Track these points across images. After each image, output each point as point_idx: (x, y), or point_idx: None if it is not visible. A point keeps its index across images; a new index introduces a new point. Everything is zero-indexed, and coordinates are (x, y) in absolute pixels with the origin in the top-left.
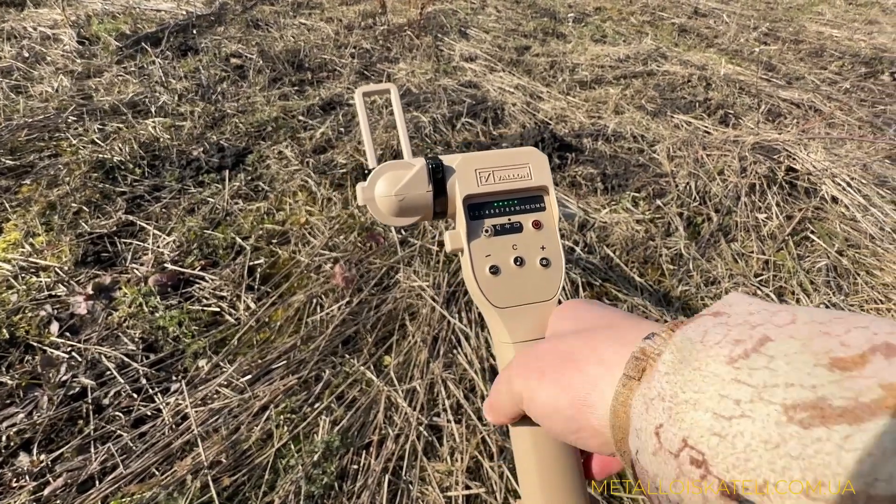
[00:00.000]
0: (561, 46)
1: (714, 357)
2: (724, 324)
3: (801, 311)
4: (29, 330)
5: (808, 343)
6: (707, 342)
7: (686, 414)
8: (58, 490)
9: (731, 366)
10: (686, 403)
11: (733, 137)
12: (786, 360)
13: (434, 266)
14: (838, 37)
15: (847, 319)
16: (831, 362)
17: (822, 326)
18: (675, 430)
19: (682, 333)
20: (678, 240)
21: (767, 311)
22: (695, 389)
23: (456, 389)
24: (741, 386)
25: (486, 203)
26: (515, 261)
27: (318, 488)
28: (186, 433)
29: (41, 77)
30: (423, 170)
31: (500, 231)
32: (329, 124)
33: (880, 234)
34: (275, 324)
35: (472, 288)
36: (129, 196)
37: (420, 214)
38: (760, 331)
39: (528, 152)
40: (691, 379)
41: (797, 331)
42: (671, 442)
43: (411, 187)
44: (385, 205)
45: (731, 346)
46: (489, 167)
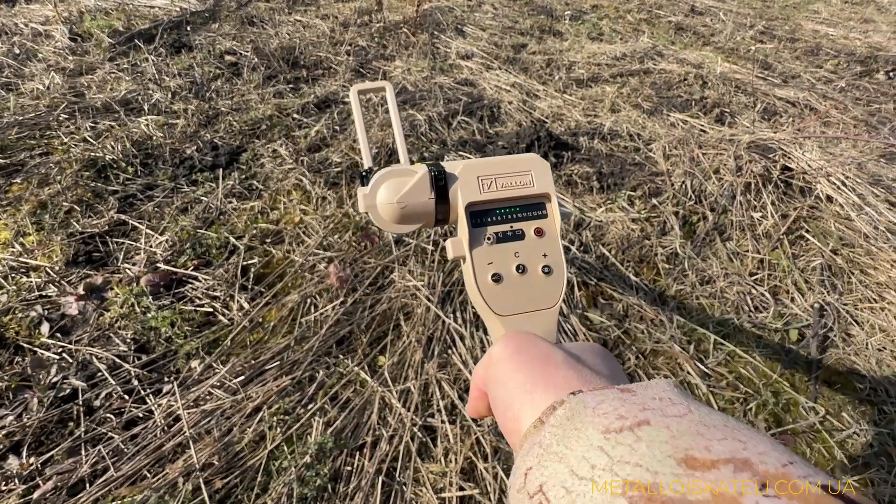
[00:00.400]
0: (557, 44)
1: (594, 424)
2: (623, 400)
3: (700, 411)
4: (19, 331)
5: (676, 437)
6: (597, 410)
7: (551, 464)
8: (48, 493)
9: (603, 435)
10: (555, 455)
11: (729, 136)
12: (648, 444)
13: (429, 266)
14: (834, 35)
15: (732, 432)
16: (685, 459)
17: (703, 428)
18: (537, 475)
19: (583, 397)
20: (674, 239)
21: (670, 401)
22: (567, 445)
23: (450, 390)
24: (602, 454)
25: (489, 210)
26: (517, 268)
27: (311, 490)
28: (178, 435)
29: (32, 74)
30: (426, 177)
31: (502, 238)
32: (324, 123)
33: (874, 234)
34: (268, 324)
35: (474, 296)
36: (121, 195)
37: (422, 221)
38: (647, 414)
39: (530, 159)
40: (568, 436)
41: (677, 424)
42: (532, 484)
43: (413, 195)
44: (387, 212)
45: (613, 420)
46: (491, 174)
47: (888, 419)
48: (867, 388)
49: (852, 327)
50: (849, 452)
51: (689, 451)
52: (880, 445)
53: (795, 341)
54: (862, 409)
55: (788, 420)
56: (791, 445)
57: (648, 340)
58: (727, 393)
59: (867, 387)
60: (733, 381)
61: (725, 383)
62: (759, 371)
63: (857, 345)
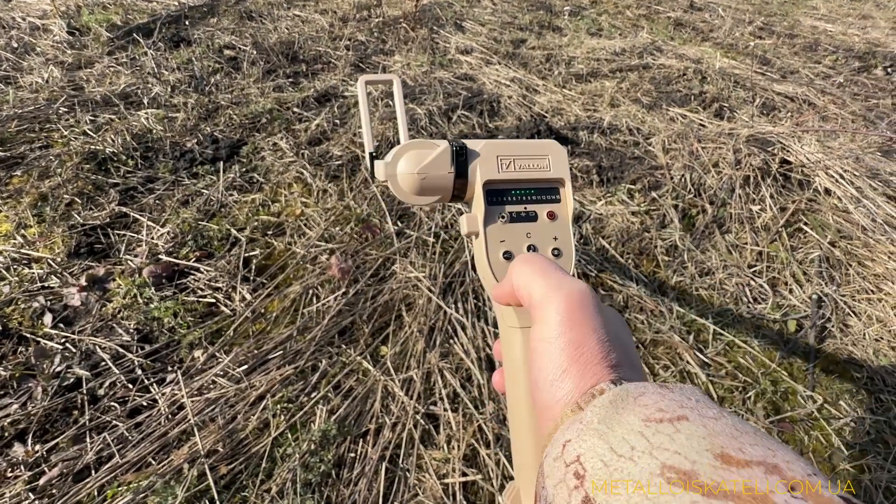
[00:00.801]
0: (557, 39)
1: (635, 412)
2: (662, 395)
3: (732, 418)
4: (22, 321)
5: (713, 435)
6: (639, 400)
7: (590, 438)
8: (53, 480)
9: (644, 423)
10: (595, 431)
11: (728, 130)
12: (687, 437)
13: (430, 257)
14: (832, 31)
15: (762, 439)
16: (721, 454)
17: (735, 432)
18: (576, 446)
19: (626, 387)
20: (673, 231)
21: (704, 403)
22: (608, 425)
23: (452, 379)
24: (642, 439)
25: (505, 190)
26: (528, 248)
27: (316, 476)
28: (183, 423)
29: (31, 68)
30: (447, 151)
31: (515, 218)
32: (324, 116)
33: (872, 226)
34: (271, 314)
35: (485, 271)
36: (122, 188)
37: (439, 195)
38: (685, 411)
39: (548, 144)
40: (609, 418)
41: (713, 425)
42: (570, 454)
43: (434, 167)
44: (406, 182)
45: (653, 411)
46: (511, 155)
47: (885, 407)
48: (864, 377)
49: (850, 318)
50: (846, 440)
51: (725, 448)
52: (877, 433)
53: (794, 332)
54: (859, 398)
55: (787, 408)
56: (789, 433)
57: (648, 331)
58: (726, 382)
59: (864, 376)
60: (732, 370)
61: (724, 372)
62: (757, 360)
63: (855, 335)
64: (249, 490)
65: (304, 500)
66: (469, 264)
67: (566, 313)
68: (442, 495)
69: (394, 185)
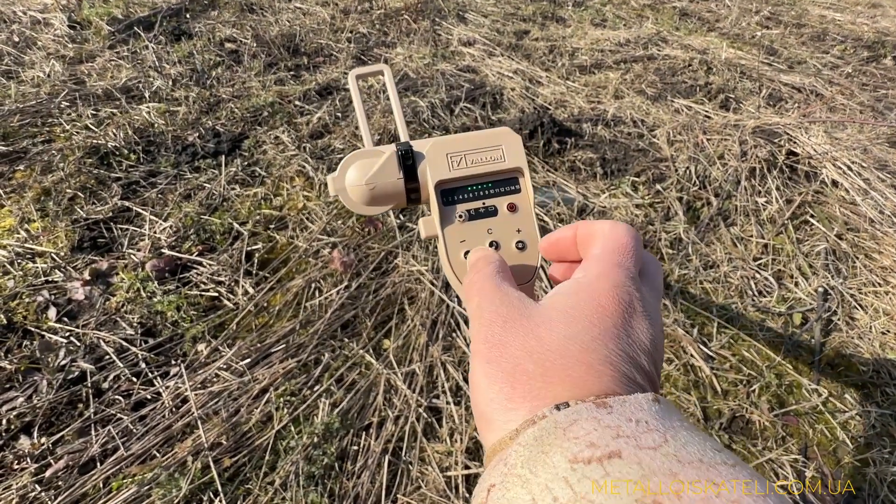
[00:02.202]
0: (560, 31)
1: (562, 450)
2: (597, 419)
3: (678, 440)
4: (27, 315)
5: (647, 476)
6: (568, 433)
7: (513, 487)
8: (59, 472)
9: (570, 464)
10: (518, 477)
11: (734, 122)
12: (615, 483)
13: (433, 251)
14: (841, 20)
15: (708, 470)
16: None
17: (677, 466)
18: (499, 496)
19: (555, 417)
20: (677, 224)
21: (646, 426)
22: (531, 469)
23: (455, 372)
24: (566, 487)
25: (459, 188)
26: (490, 245)
27: (319, 469)
28: (187, 416)
29: (32, 62)
30: (393, 157)
31: (474, 216)
32: (326, 109)
33: (880, 218)
34: (273, 308)
35: (449, 273)
36: (124, 182)
37: (393, 202)
38: (619, 443)
39: (500, 133)
40: (533, 459)
41: (650, 460)
42: (494, 503)
43: (382, 175)
44: (357, 194)
45: (582, 447)
46: (461, 151)
47: (891, 401)
48: (870, 370)
49: (856, 311)
50: (851, 433)
51: (658, 496)
52: (882, 427)
53: (799, 325)
54: (865, 391)
55: (791, 401)
56: (794, 426)
57: None
58: (730, 375)
59: (870, 369)
60: (736, 363)
61: (729, 366)
62: (762, 354)
63: (861, 328)
64: (253, 482)
65: (308, 492)
66: None
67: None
68: (445, 488)
69: (345, 199)
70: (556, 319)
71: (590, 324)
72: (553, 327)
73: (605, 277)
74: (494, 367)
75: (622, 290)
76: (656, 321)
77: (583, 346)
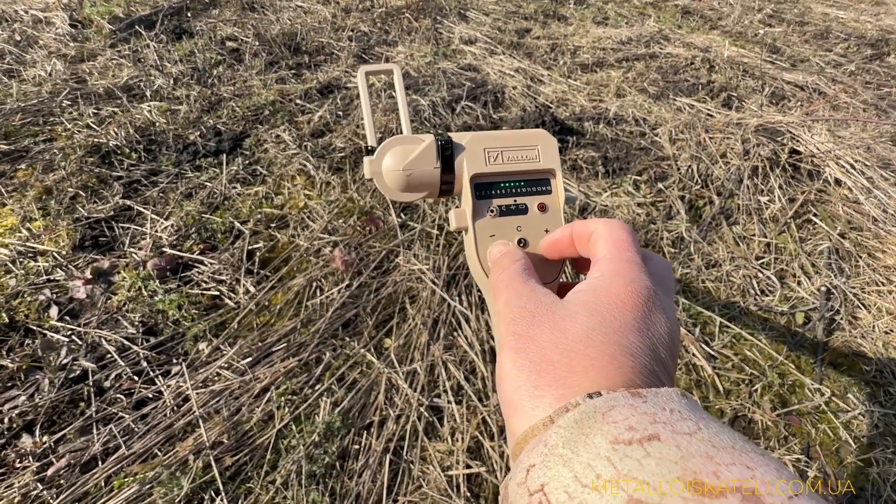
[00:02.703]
0: (562, 29)
1: (603, 432)
2: (634, 408)
3: (710, 429)
4: (28, 314)
5: (686, 458)
6: (607, 417)
7: (555, 465)
8: (61, 470)
9: (611, 445)
10: (559, 457)
11: (736, 120)
12: (657, 462)
13: (434, 249)
14: (844, 18)
15: (740, 455)
16: (693, 483)
17: (712, 450)
18: (539, 474)
19: (593, 403)
20: (679, 223)
21: (680, 415)
22: (573, 449)
23: (456, 371)
24: (609, 465)
25: (493, 183)
26: (519, 242)
27: (320, 468)
28: (188, 414)
29: (34, 61)
30: (433, 146)
31: (505, 212)
32: (327, 108)
33: (883, 217)
34: (274, 307)
35: (475, 267)
36: (125, 181)
37: (426, 191)
38: (657, 428)
39: (537, 134)
40: (574, 440)
41: (687, 444)
42: (533, 482)
43: (419, 163)
44: (392, 179)
45: (622, 430)
46: (498, 147)
47: (894, 400)
48: (873, 370)
49: (859, 310)
50: (854, 433)
51: (698, 475)
52: (886, 426)
53: (802, 324)
54: (868, 391)
55: (794, 401)
56: (796, 426)
57: None
58: (733, 374)
59: (873, 369)
60: (739, 363)
61: (731, 365)
62: (764, 353)
63: (864, 327)
64: (254, 481)
65: (309, 491)
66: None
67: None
68: (446, 487)
69: (380, 183)
70: (579, 313)
71: (611, 317)
72: (577, 320)
73: (620, 275)
74: (522, 357)
75: (639, 284)
76: (672, 316)
77: (605, 338)
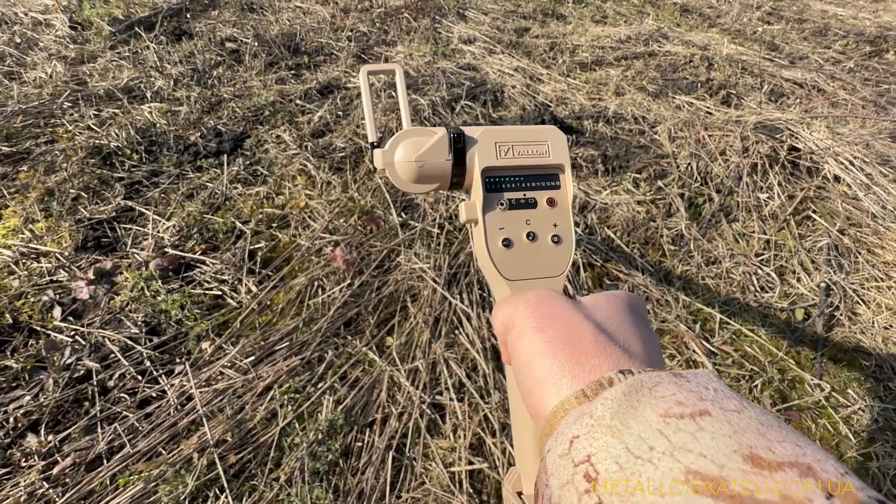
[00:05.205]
0: (561, 28)
1: (652, 406)
2: (679, 385)
3: (754, 409)
4: (32, 315)
5: (739, 433)
6: (654, 392)
7: (602, 436)
8: (66, 469)
9: (663, 419)
10: (608, 428)
11: (735, 117)
12: (712, 436)
13: (435, 248)
14: (843, 15)
15: (788, 434)
16: (750, 456)
17: (762, 428)
18: (585, 444)
19: (639, 377)
20: (679, 220)
21: (723, 393)
22: (622, 421)
23: (458, 369)
24: (661, 438)
25: (504, 177)
26: (528, 235)
27: (323, 465)
28: (192, 413)
29: (34, 63)
30: (445, 138)
31: (515, 205)
32: (327, 108)
33: (882, 213)
34: (276, 306)
35: (484, 259)
36: (127, 182)
37: (437, 183)
38: (706, 405)
39: (548, 130)
40: (624, 412)
41: (738, 420)
42: (578, 452)
43: (432, 154)
44: (404, 170)
45: (672, 404)
46: (509, 141)
47: (893, 395)
48: (873, 365)
49: (859, 306)
50: (854, 428)
51: (754, 449)
52: (885, 421)
53: (801, 320)
54: (867, 386)
55: (794, 396)
56: (797, 421)
57: (654, 320)
58: (733, 370)
59: (873, 364)
60: (739, 358)
61: (731, 361)
62: (764, 349)
63: (864, 323)
64: (258, 479)
65: (312, 488)
66: (472, 256)
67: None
68: (448, 483)
69: (391, 173)
70: (592, 303)
71: (619, 311)
72: (594, 303)
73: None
74: (550, 335)
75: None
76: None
77: (621, 323)
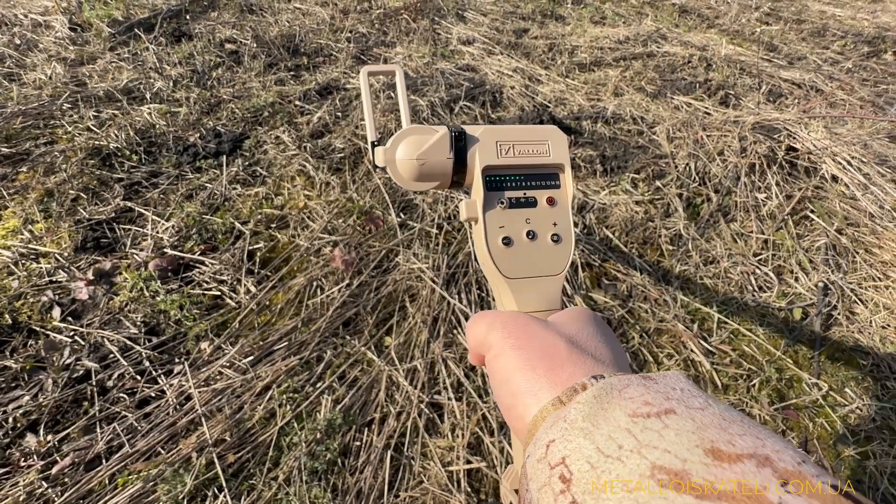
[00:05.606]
0: (559, 28)
1: (622, 406)
2: (647, 387)
3: (718, 406)
4: (31, 315)
5: (702, 429)
6: (624, 394)
7: (575, 438)
8: (65, 469)
9: (630, 419)
10: (580, 430)
11: (733, 118)
12: (676, 433)
13: (433, 248)
14: (841, 16)
15: (749, 427)
16: (711, 450)
17: (724, 423)
18: (560, 447)
19: (609, 381)
20: (677, 220)
21: (690, 392)
22: (593, 423)
23: (456, 368)
24: (630, 437)
25: (504, 175)
26: (528, 234)
27: (322, 464)
28: (191, 413)
29: (34, 64)
30: (446, 136)
31: (515, 204)
32: (326, 109)
33: (880, 213)
34: (275, 306)
35: (484, 257)
36: (126, 182)
37: (438, 181)
38: (671, 404)
39: (548, 130)
40: (594, 414)
41: (701, 417)
42: (554, 455)
43: (433, 153)
44: (405, 168)
45: (639, 405)
46: (510, 140)
47: (891, 394)
48: (870, 364)
49: (856, 305)
50: (851, 426)
51: (715, 443)
52: (882, 420)
53: (799, 320)
54: (865, 385)
55: (792, 395)
56: (794, 420)
57: (652, 320)
58: (730, 370)
59: (870, 363)
60: (736, 358)
61: (729, 360)
62: (762, 348)
63: (861, 322)
64: (257, 478)
65: (311, 487)
66: (472, 255)
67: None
68: (447, 482)
69: (392, 171)
70: (560, 321)
71: (586, 324)
72: (562, 321)
73: (566, 311)
74: (527, 351)
75: (586, 309)
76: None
77: (589, 335)
